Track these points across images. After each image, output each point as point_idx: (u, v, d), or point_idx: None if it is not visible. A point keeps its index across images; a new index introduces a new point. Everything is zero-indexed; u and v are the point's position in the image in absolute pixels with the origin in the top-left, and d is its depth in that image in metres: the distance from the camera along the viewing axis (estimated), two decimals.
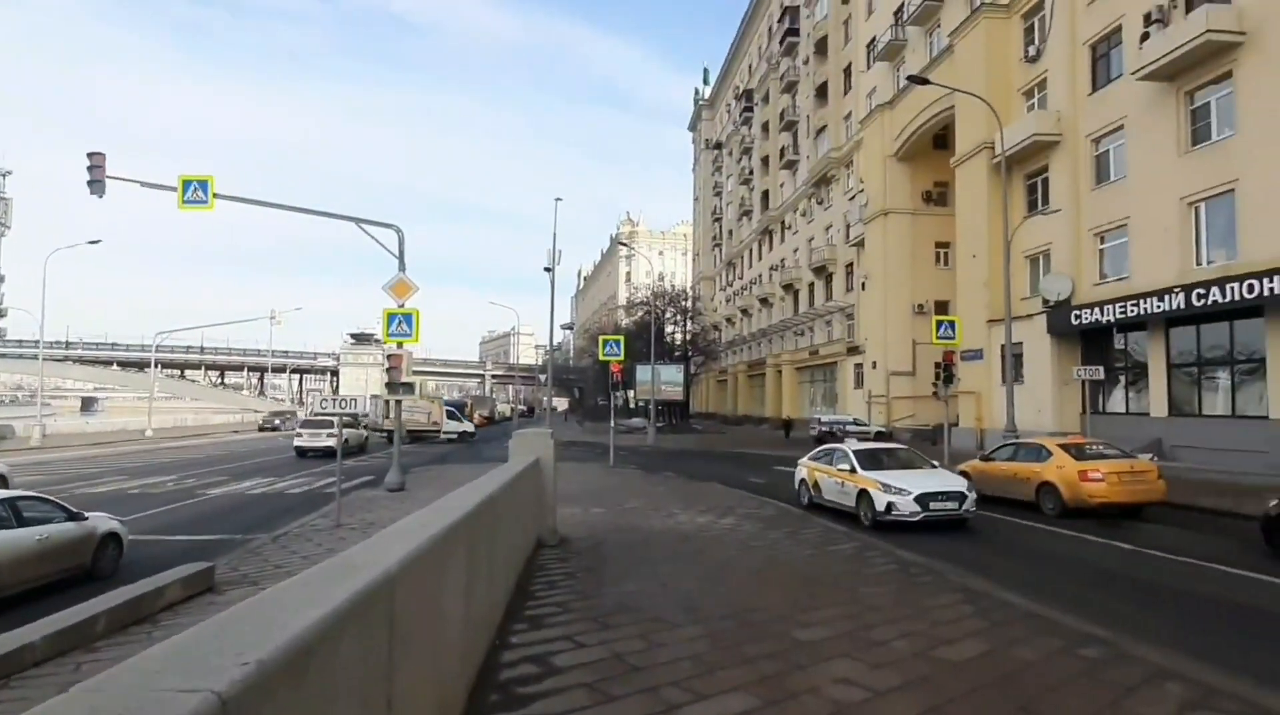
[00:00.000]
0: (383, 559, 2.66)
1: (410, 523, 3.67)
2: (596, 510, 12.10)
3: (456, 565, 3.84)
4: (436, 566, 3.30)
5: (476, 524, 4.47)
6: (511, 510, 6.52)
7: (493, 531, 5.24)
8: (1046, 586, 7.53)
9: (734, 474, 20.17)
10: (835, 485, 12.35)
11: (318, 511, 12.67)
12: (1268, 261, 17.09)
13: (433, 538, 3.25)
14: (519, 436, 9.59)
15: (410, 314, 14.56)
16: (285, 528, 11.23)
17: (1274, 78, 17.84)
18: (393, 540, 3.10)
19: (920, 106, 33.77)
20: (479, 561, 4.64)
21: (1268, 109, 17.95)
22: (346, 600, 2.11)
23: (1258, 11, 18.41)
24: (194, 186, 14.67)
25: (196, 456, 27.43)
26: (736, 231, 68.04)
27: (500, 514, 5.62)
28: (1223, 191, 19.26)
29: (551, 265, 22.26)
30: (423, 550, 3.04)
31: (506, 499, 6.08)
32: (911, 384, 36.38)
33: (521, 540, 7.53)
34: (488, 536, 5.01)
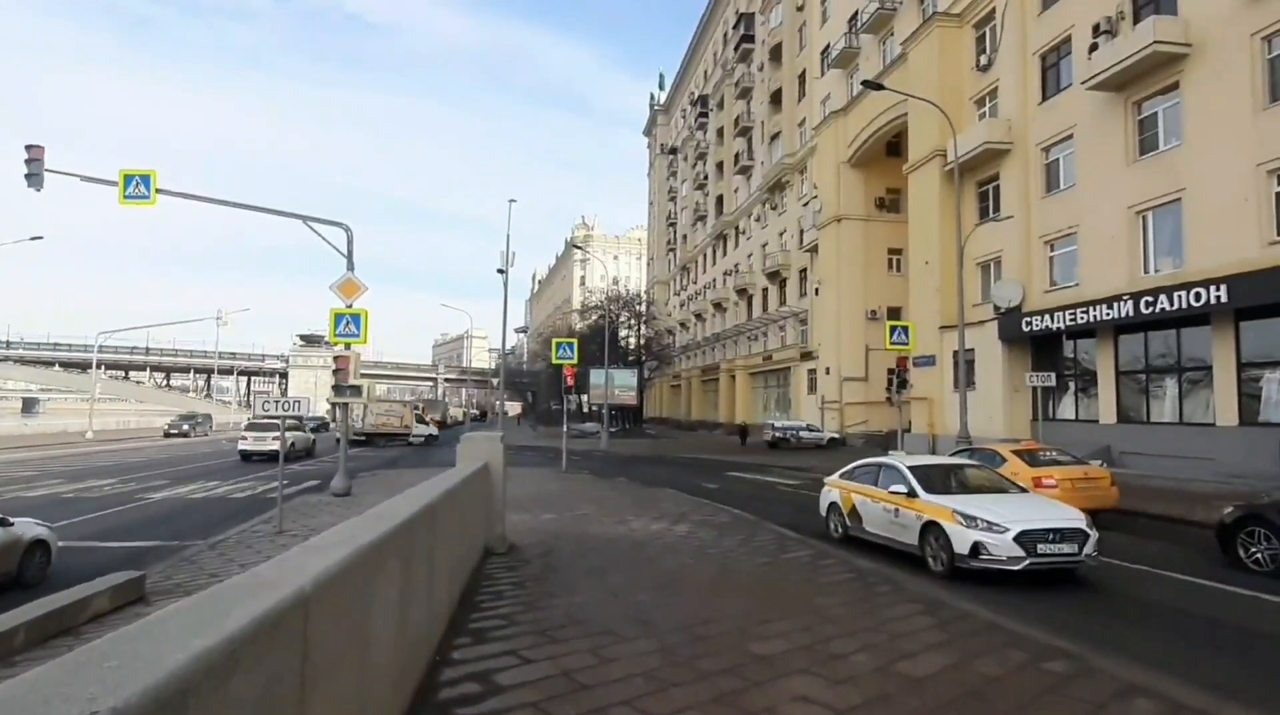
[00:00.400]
0: (296, 576, 2.34)
1: (338, 533, 3.30)
2: (547, 516, 11.66)
3: (388, 580, 3.48)
4: (363, 582, 2.99)
5: (414, 534, 4.11)
6: (456, 518, 6.16)
7: (433, 541, 4.84)
8: (1002, 596, 7.29)
9: (688, 480, 19.73)
10: (885, 514, 9.52)
11: (259, 517, 12.10)
12: (1213, 270, 17.32)
13: (359, 550, 2.92)
14: (467, 440, 9.15)
15: (358, 314, 13.89)
16: (225, 534, 10.75)
17: (1219, 89, 18.13)
18: (311, 554, 2.77)
19: (874, 113, 33.91)
20: (416, 574, 4.25)
21: (1213, 120, 18.25)
22: (244, 626, 1.82)
23: (1203, 24, 18.73)
24: (135, 181, 13.91)
25: (138, 459, 26.31)
26: (691, 236, 67.95)
27: (442, 522, 5.21)
28: (1170, 201, 19.53)
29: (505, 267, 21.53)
30: (347, 564, 2.73)
31: (450, 506, 5.68)
32: (864, 390, 36.46)
33: (467, 549, 7.11)
34: (427, 547, 4.62)
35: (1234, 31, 17.85)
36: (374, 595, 3.16)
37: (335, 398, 14.58)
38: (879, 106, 33.35)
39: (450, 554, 5.84)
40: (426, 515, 4.53)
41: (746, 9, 53.58)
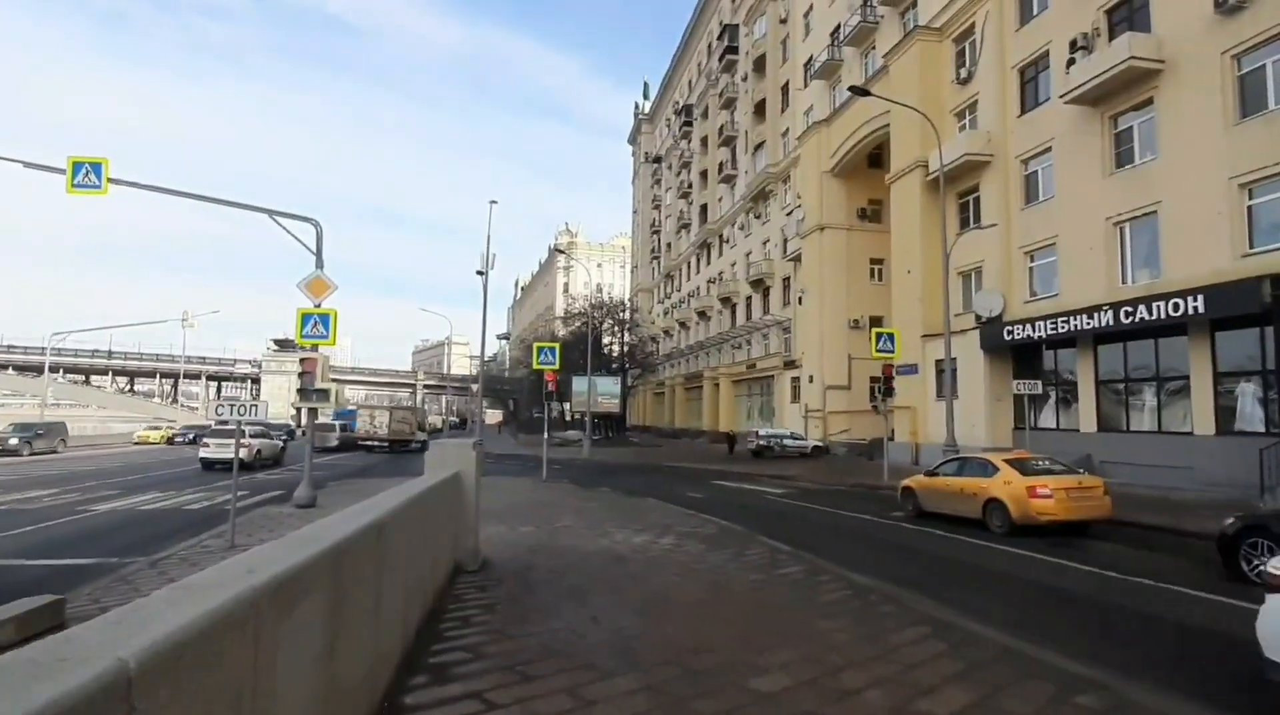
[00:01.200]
0: (111, 647, 1.55)
1: (227, 570, 2.49)
2: (525, 529, 11.25)
3: (301, 625, 2.72)
4: (249, 638, 2.20)
5: (350, 561, 3.43)
6: (417, 534, 5.55)
7: (381, 565, 4.17)
8: (1015, 616, 6.96)
9: (672, 489, 19.60)
10: None
11: (212, 531, 11.36)
12: (1188, 281, 17.59)
13: (238, 598, 2.11)
14: (437, 447, 8.63)
15: (327, 314, 13.36)
16: (171, 550, 9.94)
17: (1192, 105, 18.47)
18: (160, 608, 1.90)
19: (856, 124, 34.22)
20: (354, 608, 3.55)
21: (1187, 135, 18.58)
22: None
23: (1176, 41, 19.08)
24: (85, 169, 13.23)
25: (88, 468, 25.21)
26: (675, 244, 68.11)
27: (395, 541, 4.56)
28: (1146, 213, 19.84)
29: (485, 269, 21.21)
30: (211, 620, 1.90)
31: (408, 522, 5.10)
32: (847, 398, 36.65)
33: (431, 568, 6.50)
34: (371, 573, 3.95)
35: (1206, 49, 18.19)
36: (276, 646, 2.42)
37: (301, 402, 13.94)
38: (861, 118, 33.67)
39: (407, 577, 5.13)
40: (369, 536, 3.85)
41: (731, 20, 53.96)
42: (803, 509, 15.50)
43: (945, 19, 28.67)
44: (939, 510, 13.33)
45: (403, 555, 4.88)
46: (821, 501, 16.88)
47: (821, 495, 18.38)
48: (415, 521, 5.44)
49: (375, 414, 43.20)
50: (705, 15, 61.95)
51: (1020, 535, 11.40)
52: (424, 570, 6.05)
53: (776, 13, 45.70)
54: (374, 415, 42.47)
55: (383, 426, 41.12)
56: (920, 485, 13.96)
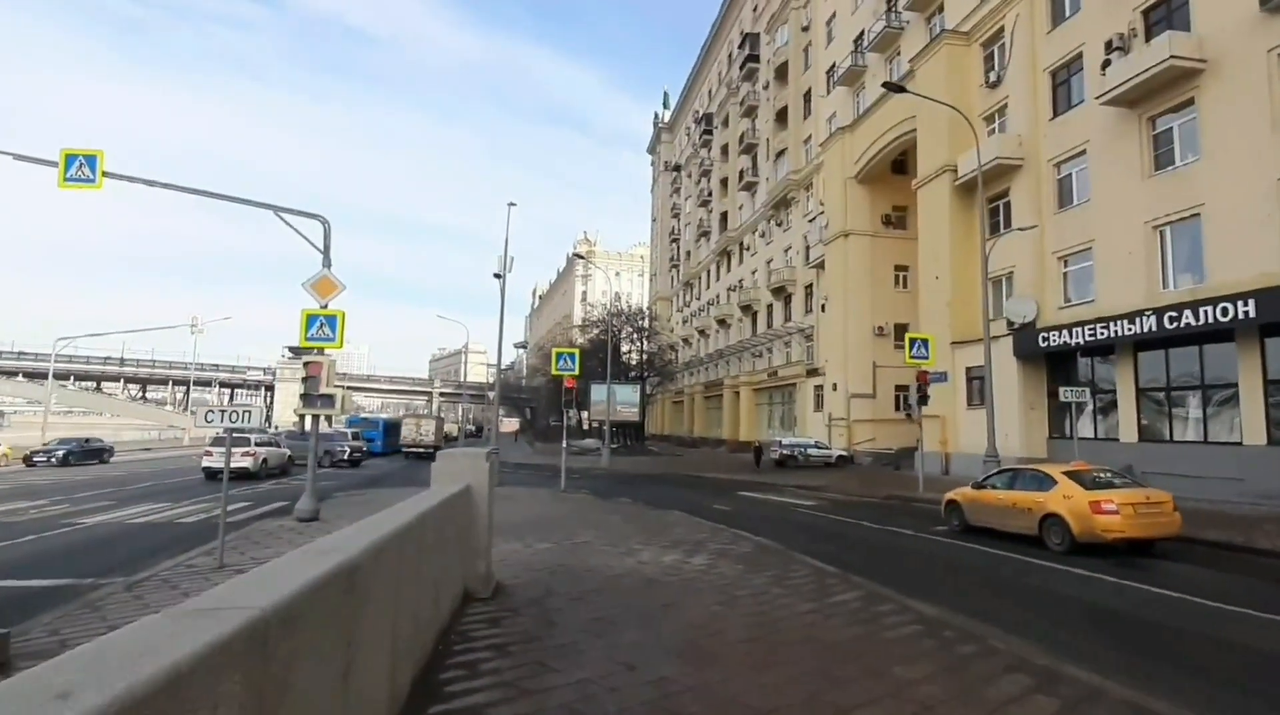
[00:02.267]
0: None
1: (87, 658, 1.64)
2: (543, 546, 10.51)
3: None
4: None
5: (296, 633, 2.36)
6: (411, 569, 4.49)
7: (356, 618, 3.17)
8: (1123, 659, 6.08)
9: (697, 501, 19.11)
10: None
11: (203, 547, 10.43)
12: (1235, 286, 16.99)
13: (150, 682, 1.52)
14: (445, 457, 7.55)
15: (334, 316, 12.87)
16: (155, 569, 9.00)
17: (1236, 105, 17.92)
18: None
19: (880, 130, 33.78)
20: (312, 681, 2.56)
21: (1231, 135, 18.01)
22: None
23: (1218, 40, 18.55)
24: (79, 162, 12.75)
25: (86, 477, 24.56)
26: (694, 252, 67.76)
27: (376, 587, 3.51)
28: (1188, 216, 19.24)
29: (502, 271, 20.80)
30: None
31: (397, 557, 4.04)
32: (872, 407, 36.04)
33: (433, 605, 5.51)
34: (341, 632, 2.94)
35: (1250, 48, 17.67)
36: None
37: (304, 407, 13.14)
38: (886, 123, 33.24)
39: (398, 625, 4.12)
40: (336, 585, 2.82)
41: (752, 29, 53.77)
42: (838, 523, 14.84)
43: (973, 23, 28.24)
44: (988, 525, 12.61)
45: (389, 601, 3.86)
46: (856, 515, 16.23)
47: (855, 508, 17.76)
48: (409, 553, 4.40)
49: (421, 423, 47.68)
50: (726, 25, 61.81)
51: (1081, 554, 10.63)
52: (422, 610, 5.05)
53: (799, 21, 45.40)
54: (420, 424, 47.36)
55: (428, 433, 46.17)
56: (966, 499, 13.25)
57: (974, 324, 27.53)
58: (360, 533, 3.75)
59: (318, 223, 14.01)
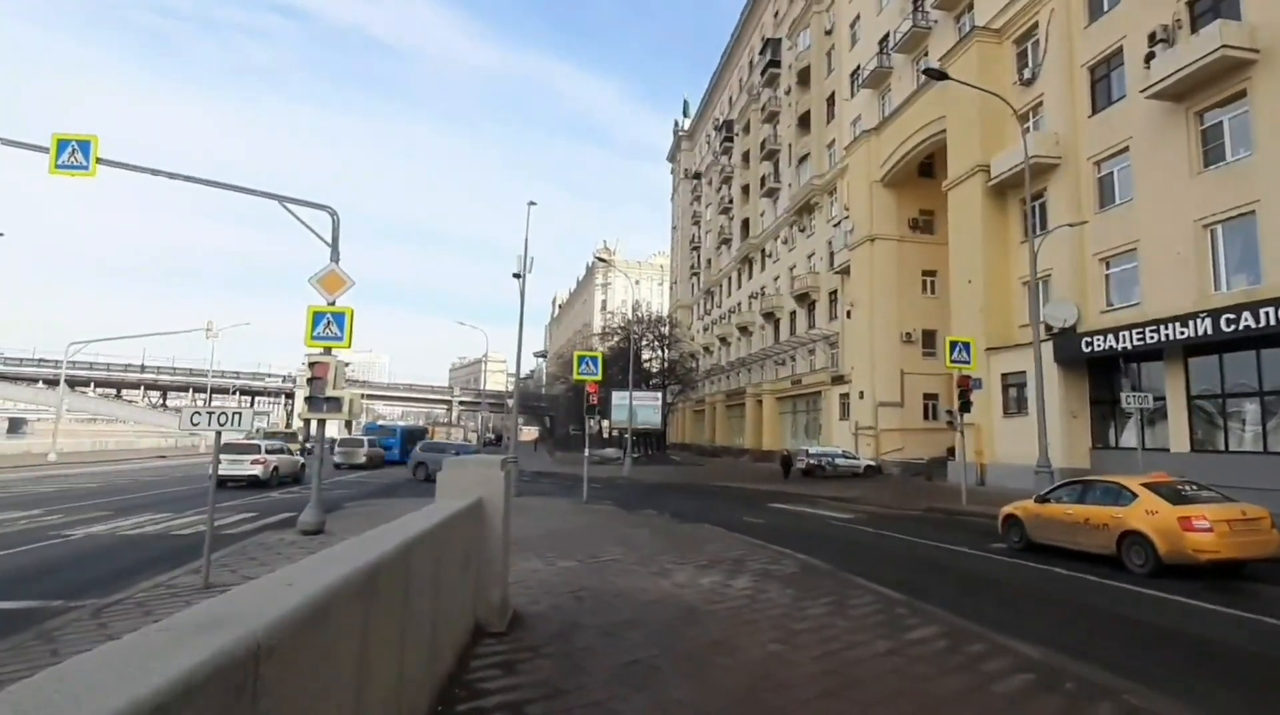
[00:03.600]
0: None
1: None
2: (566, 564, 9.62)
3: None
4: None
5: None
6: (395, 602, 3.45)
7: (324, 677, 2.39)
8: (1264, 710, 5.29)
9: (726, 513, 18.30)
10: None
11: (191, 565, 9.37)
12: None
13: None
14: (453, 466, 6.50)
15: (342, 313, 12.13)
16: (132, 589, 8.10)
17: None
18: None
19: (908, 132, 32.98)
20: None
21: None
22: None
23: (1272, 29, 17.67)
24: (71, 147, 12.20)
25: (92, 485, 23.59)
26: (715, 260, 67.06)
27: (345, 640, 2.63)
28: (1241, 213, 18.32)
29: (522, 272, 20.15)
30: None
31: (378, 599, 3.10)
32: (900, 415, 35.10)
33: (425, 656, 4.26)
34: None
35: None
36: None
37: (309, 412, 12.34)
38: (914, 124, 32.46)
39: (379, 682, 3.10)
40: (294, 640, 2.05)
41: (773, 35, 53.22)
42: (884, 539, 13.88)
43: (1005, 20, 27.45)
44: (1054, 543, 11.56)
45: (365, 658, 2.86)
46: (900, 529, 15.27)
47: (896, 522, 16.79)
48: (386, 598, 3.27)
49: (452, 431, 53.27)
50: (746, 32, 61.33)
51: (1167, 576, 9.59)
52: (411, 664, 3.81)
53: (821, 24, 44.75)
54: (451, 433, 52.22)
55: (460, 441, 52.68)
56: (1029, 513, 12.22)
57: (1009, 329, 26.65)
58: (321, 567, 2.75)
59: (326, 215, 13.40)
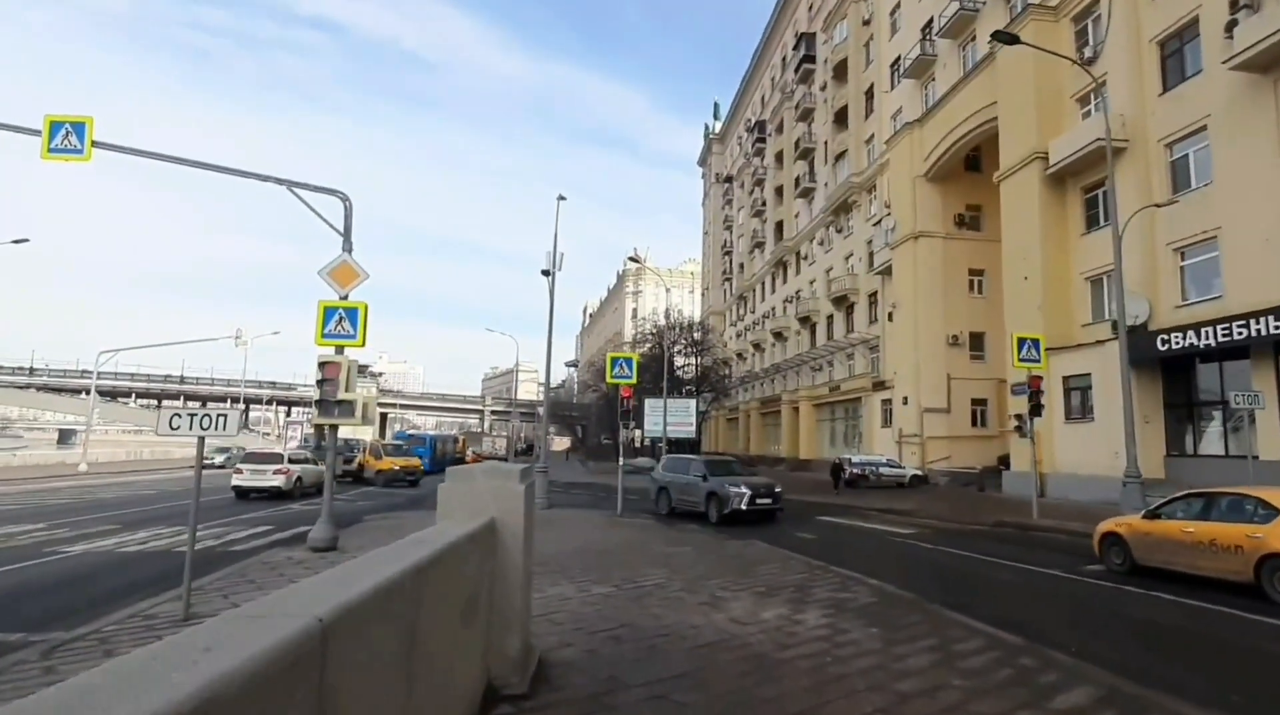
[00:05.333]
0: None
1: None
2: (601, 590, 8.34)
3: None
4: None
5: None
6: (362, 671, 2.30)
7: None
8: None
9: (773, 527, 16.73)
10: None
11: (175, 591, 7.97)
12: None
13: None
14: (457, 477, 4.96)
15: (355, 308, 11.07)
16: (104, 620, 7.00)
17: None
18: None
19: (955, 121, 31.22)
20: None
21: None
22: None
23: None
24: (65, 130, 11.40)
25: (111, 496, 22.58)
26: (748, 264, 65.46)
27: None
28: None
29: (552, 268, 18.90)
30: None
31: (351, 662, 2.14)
32: (947, 422, 33.20)
33: None
34: None
35: None
36: None
37: (319, 416, 11.11)
38: (961, 113, 30.70)
39: None
40: None
41: (807, 29, 51.72)
42: (957, 559, 12.16)
43: None
44: (1168, 566, 9.78)
45: None
46: (972, 547, 13.50)
47: (964, 538, 14.97)
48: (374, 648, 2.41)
49: (496, 440, 54.21)
50: (779, 28, 59.86)
51: None
52: None
53: (859, 14, 43.12)
54: (495, 441, 51.75)
55: (500, 448, 53.22)
56: (1134, 531, 10.40)
57: (1070, 328, 24.75)
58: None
59: (337, 199, 12.27)
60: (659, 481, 21.16)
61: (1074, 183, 25.06)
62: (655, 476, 21.89)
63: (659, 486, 20.94)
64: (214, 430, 7.66)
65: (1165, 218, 21.48)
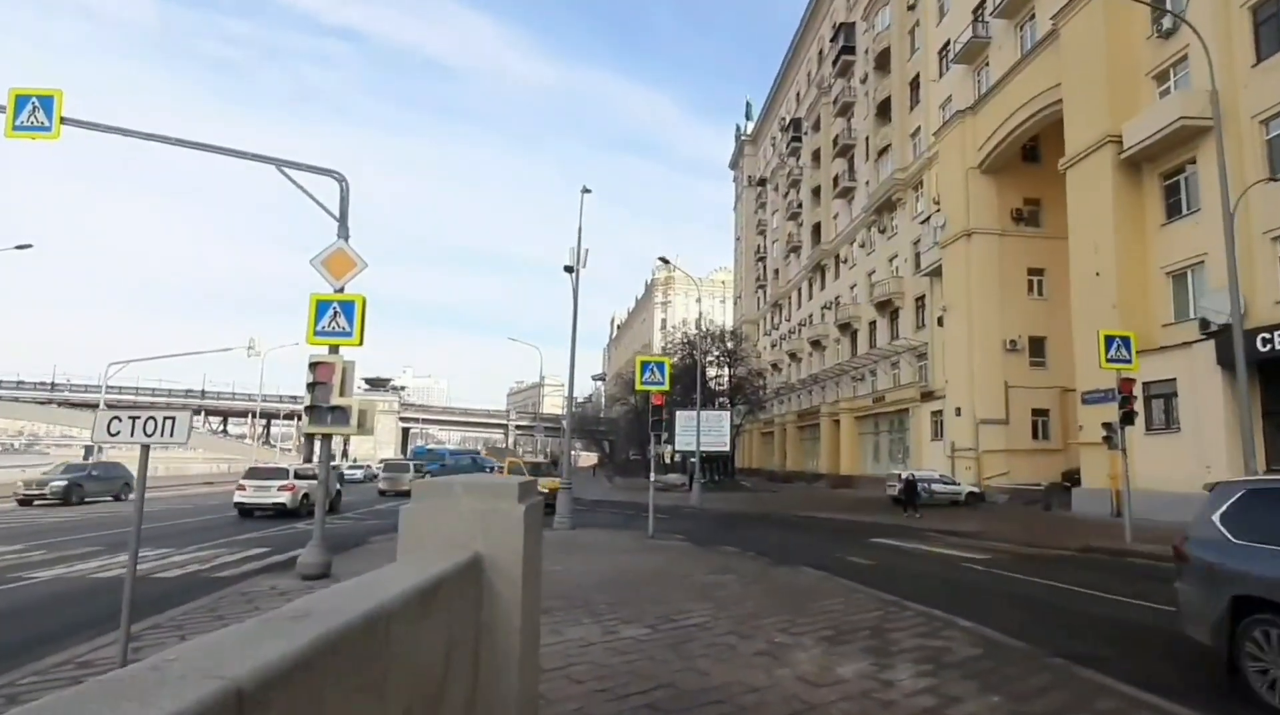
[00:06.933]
0: None
1: None
2: (632, 632, 6.71)
3: None
4: None
5: None
6: None
7: None
8: None
9: (824, 551, 14.51)
10: None
11: (150, 620, 7.13)
12: None
13: None
14: (428, 493, 3.22)
15: (351, 302, 9.54)
16: (22, 670, 5.70)
17: None
18: None
19: (1012, 107, 28.87)
20: None
21: None
22: None
23: None
24: (31, 105, 10.22)
25: (107, 513, 21.14)
26: (783, 270, 63.17)
27: None
28: None
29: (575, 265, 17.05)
30: None
31: None
32: (1005, 434, 30.62)
33: None
34: None
35: None
36: None
37: (310, 424, 9.53)
38: (1020, 97, 28.35)
39: None
40: None
41: (846, 19, 49.61)
42: (1058, 593, 9.77)
43: None
44: None
45: None
46: (1067, 578, 11.00)
47: (1052, 566, 12.51)
48: None
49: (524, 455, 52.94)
50: (815, 20, 57.80)
51: None
52: None
53: (903, 0, 40.87)
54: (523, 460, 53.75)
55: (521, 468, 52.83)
56: None
57: (1149, 328, 22.19)
58: None
59: (333, 180, 10.75)
60: None
61: (1151, 168, 22.66)
62: None
63: None
64: (159, 435, 6.14)
65: (1261, 203, 19.05)
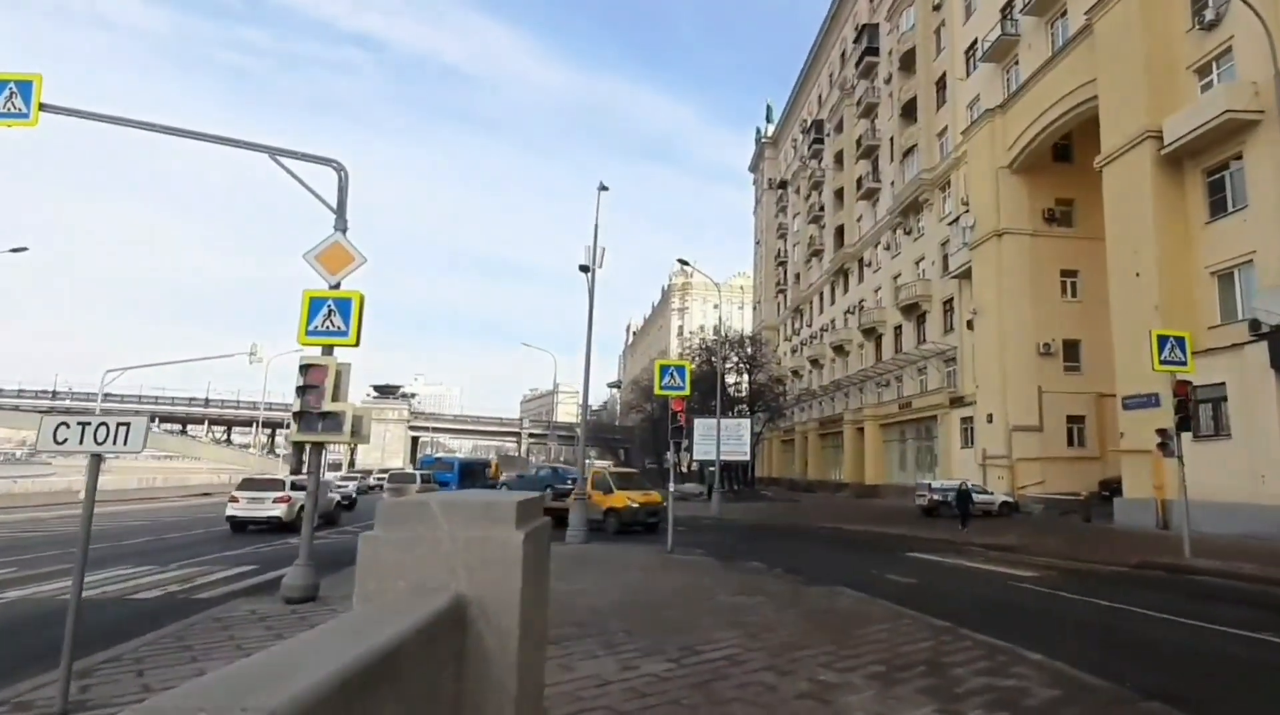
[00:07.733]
0: None
1: None
2: (652, 667, 5.92)
3: None
4: None
5: None
6: None
7: None
8: None
9: (857, 566, 13.73)
10: None
11: (107, 653, 6.48)
12: None
13: None
14: (396, 516, 2.36)
15: (347, 299, 8.89)
16: None
17: None
18: None
19: (1043, 104, 27.99)
20: None
21: None
22: None
23: None
24: (9, 91, 9.66)
25: (95, 527, 19.42)
26: (805, 274, 62.23)
27: None
28: None
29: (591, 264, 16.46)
30: None
31: None
32: (1039, 442, 29.59)
33: None
34: None
35: None
36: None
37: (300, 432, 8.80)
38: (1052, 94, 27.46)
39: None
40: None
41: (869, 20, 48.84)
42: (1124, 616, 8.91)
43: None
44: None
45: None
46: (1129, 598, 10.02)
47: (1108, 585, 11.56)
48: None
49: (609, 466, 54.69)
50: (837, 22, 57.04)
51: None
52: None
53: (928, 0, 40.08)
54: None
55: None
56: None
57: (1195, 331, 21.07)
58: None
59: (330, 169, 10.18)
60: None
61: (1193, 164, 21.75)
62: None
63: None
64: (111, 443, 5.37)
65: None
